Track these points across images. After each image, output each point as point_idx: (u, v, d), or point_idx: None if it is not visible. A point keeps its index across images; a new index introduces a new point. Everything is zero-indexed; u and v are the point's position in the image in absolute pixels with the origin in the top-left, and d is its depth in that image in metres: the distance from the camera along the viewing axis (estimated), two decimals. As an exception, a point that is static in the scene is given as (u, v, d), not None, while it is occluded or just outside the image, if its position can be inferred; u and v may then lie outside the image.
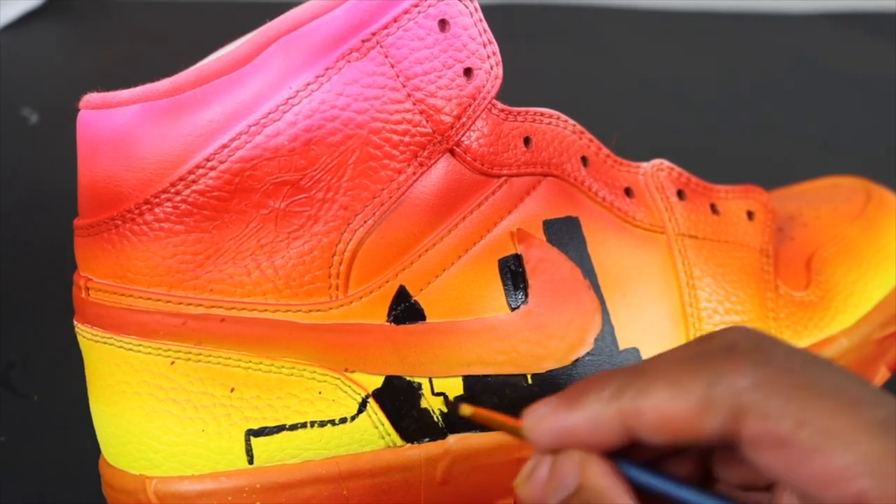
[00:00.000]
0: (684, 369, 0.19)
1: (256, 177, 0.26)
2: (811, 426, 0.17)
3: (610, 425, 0.20)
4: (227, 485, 0.27)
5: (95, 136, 0.26)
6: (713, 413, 0.18)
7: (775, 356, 0.19)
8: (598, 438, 0.20)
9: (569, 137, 0.30)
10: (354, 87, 0.26)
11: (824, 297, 0.32)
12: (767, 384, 0.18)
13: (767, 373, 0.18)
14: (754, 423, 0.18)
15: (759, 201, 0.33)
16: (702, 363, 0.19)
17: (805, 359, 0.19)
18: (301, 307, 0.27)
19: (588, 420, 0.20)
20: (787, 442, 0.18)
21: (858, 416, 0.17)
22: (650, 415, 0.19)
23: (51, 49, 0.71)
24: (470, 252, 0.28)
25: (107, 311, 0.26)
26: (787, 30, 0.74)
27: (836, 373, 0.19)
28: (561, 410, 0.21)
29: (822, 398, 0.18)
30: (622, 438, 0.20)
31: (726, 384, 0.18)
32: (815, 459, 0.17)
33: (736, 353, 0.19)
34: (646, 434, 0.20)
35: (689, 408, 0.19)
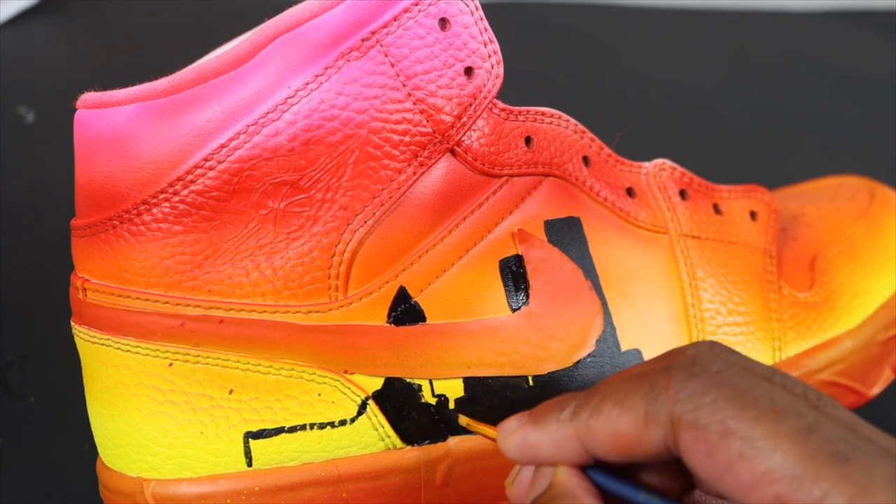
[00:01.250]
0: (628, 388, 0.21)
1: (255, 177, 0.25)
2: (735, 435, 0.18)
3: (569, 445, 0.21)
4: (226, 487, 0.27)
5: (93, 136, 0.26)
6: (654, 427, 0.20)
7: (709, 369, 0.20)
8: (559, 456, 0.22)
9: (570, 137, 0.29)
10: (354, 86, 0.26)
11: (828, 298, 0.31)
12: (698, 396, 0.19)
13: (698, 385, 0.19)
14: (687, 434, 0.19)
15: (762, 201, 0.32)
16: (643, 382, 0.20)
17: (741, 370, 0.20)
18: (300, 308, 0.26)
19: (549, 440, 0.22)
20: (714, 450, 0.19)
21: (780, 424, 0.18)
22: (602, 434, 0.21)
23: (48, 47, 0.70)
24: (470, 253, 0.28)
25: (104, 312, 0.26)
26: (791, 28, 0.74)
27: (764, 384, 0.19)
28: (526, 428, 0.22)
29: (747, 408, 0.19)
30: (583, 456, 0.21)
31: (663, 399, 0.20)
32: (739, 466, 0.18)
33: (672, 369, 0.20)
34: (601, 452, 0.21)
35: (634, 424, 0.20)
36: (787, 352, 0.31)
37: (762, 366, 0.21)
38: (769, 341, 0.30)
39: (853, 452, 0.18)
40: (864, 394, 0.32)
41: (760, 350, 0.30)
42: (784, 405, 0.19)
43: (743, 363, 0.20)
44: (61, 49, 0.71)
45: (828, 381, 0.31)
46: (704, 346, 0.21)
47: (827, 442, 0.18)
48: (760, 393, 0.19)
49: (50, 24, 0.74)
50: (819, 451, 0.18)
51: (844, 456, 0.18)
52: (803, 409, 0.19)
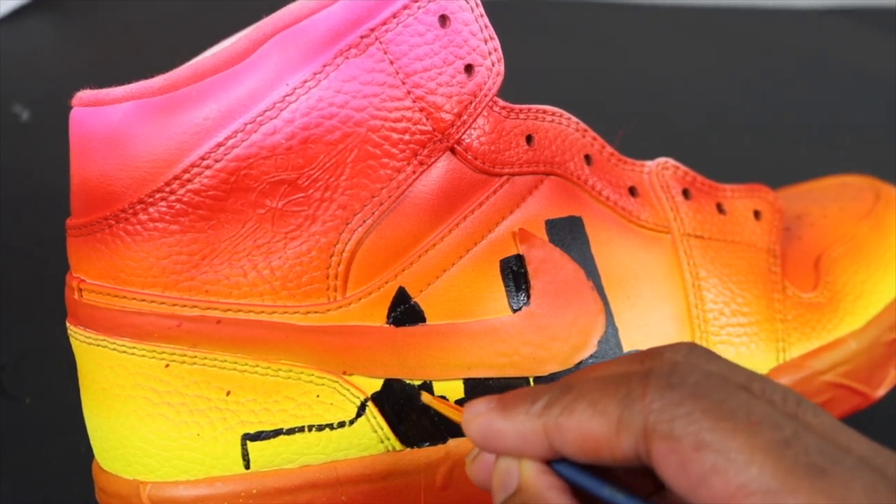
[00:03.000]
0: (604, 391, 0.20)
1: (253, 176, 0.25)
2: (710, 447, 0.18)
3: (535, 439, 0.21)
4: (223, 490, 0.26)
5: (88, 134, 0.25)
6: (626, 434, 0.19)
7: (687, 379, 0.19)
8: (524, 448, 0.21)
9: (572, 135, 0.29)
10: (353, 84, 0.25)
11: (833, 299, 0.31)
12: (673, 407, 0.19)
13: (675, 396, 0.19)
14: (660, 445, 0.19)
15: (765, 200, 0.32)
16: (620, 386, 0.20)
17: (719, 381, 0.20)
18: (298, 309, 0.26)
19: (515, 431, 0.21)
20: (688, 462, 0.18)
21: (756, 437, 0.18)
22: (571, 434, 0.20)
23: (43, 45, 0.70)
24: (471, 252, 0.27)
25: (100, 312, 0.26)
26: (795, 25, 0.73)
27: (741, 396, 0.19)
28: (493, 414, 0.22)
29: (722, 420, 0.18)
30: (548, 452, 0.21)
31: (637, 407, 0.19)
32: (712, 480, 0.18)
33: (650, 377, 0.20)
34: (568, 452, 0.20)
35: (606, 429, 0.20)
36: (791, 353, 0.30)
37: (742, 371, 0.20)
38: (773, 342, 0.30)
39: (831, 465, 0.17)
40: (869, 395, 0.31)
41: (764, 351, 0.30)
42: (761, 417, 0.18)
43: (722, 371, 0.20)
44: (56, 47, 0.71)
45: (832, 383, 0.30)
46: (683, 350, 0.21)
47: (804, 454, 0.18)
48: (737, 404, 0.19)
49: (45, 21, 0.73)
50: (795, 464, 0.17)
51: (822, 469, 0.17)
52: (781, 420, 0.18)
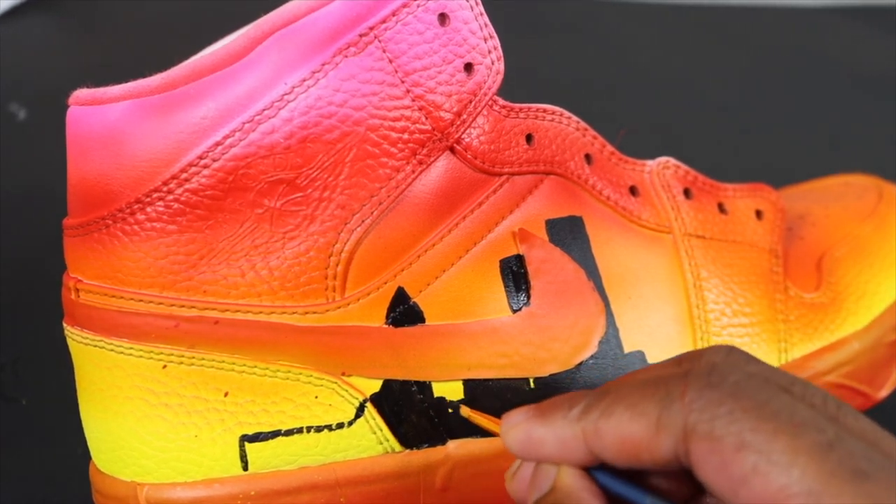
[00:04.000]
0: (642, 393, 0.20)
1: (251, 175, 0.25)
2: (751, 448, 0.18)
3: (574, 444, 0.21)
4: (221, 492, 0.26)
5: (85, 133, 0.25)
6: (665, 435, 0.19)
7: (727, 379, 0.19)
8: (564, 455, 0.21)
9: (572, 135, 0.29)
10: (351, 82, 0.25)
11: (835, 299, 0.31)
12: (714, 407, 0.19)
13: (715, 395, 0.19)
14: (700, 445, 0.19)
15: (767, 200, 0.32)
16: (658, 387, 0.20)
17: (760, 381, 0.19)
18: (297, 309, 0.26)
19: (554, 437, 0.21)
20: (729, 463, 0.18)
21: (799, 439, 0.18)
22: (610, 437, 0.20)
23: (40, 43, 0.70)
24: (470, 252, 0.27)
25: (97, 312, 0.26)
26: (797, 24, 0.73)
27: (784, 397, 0.19)
28: (532, 422, 0.22)
29: (765, 420, 0.18)
30: (588, 457, 0.21)
31: (677, 407, 0.19)
32: (753, 481, 0.18)
33: (689, 377, 0.20)
34: (608, 456, 0.20)
35: (645, 430, 0.19)
36: (794, 353, 0.30)
37: (781, 374, 0.20)
38: (775, 343, 0.30)
39: (874, 469, 0.17)
40: (871, 396, 0.31)
41: (766, 352, 0.30)
42: (804, 419, 0.18)
43: (762, 373, 0.20)
44: (53, 45, 0.70)
45: (835, 384, 0.30)
46: (722, 352, 0.20)
47: (848, 458, 0.17)
48: (779, 405, 0.18)
49: (42, 19, 0.73)
50: (839, 467, 0.17)
51: (865, 473, 0.17)
52: (823, 423, 0.18)
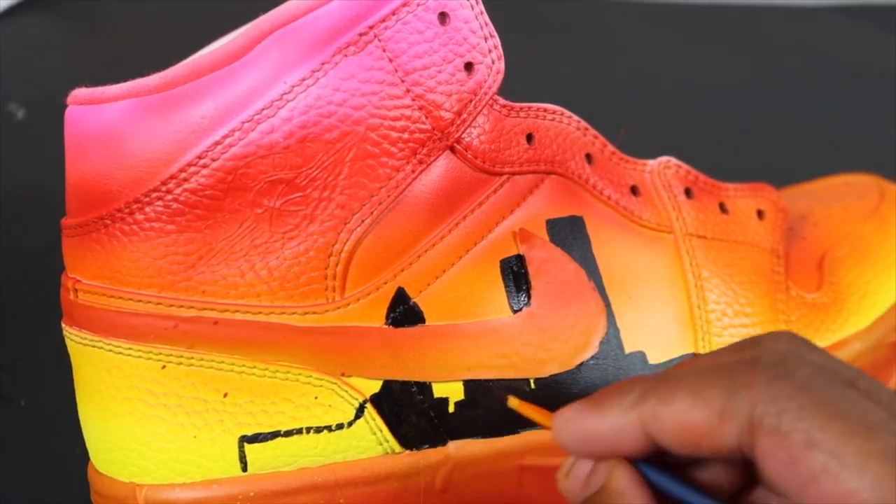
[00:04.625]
0: (706, 380, 0.19)
1: (250, 175, 0.25)
2: (821, 447, 0.17)
3: (632, 432, 0.20)
4: (220, 493, 0.26)
5: (84, 133, 0.25)
6: (730, 424, 0.18)
7: (797, 371, 0.19)
8: (621, 445, 0.20)
9: (573, 134, 0.29)
10: (351, 81, 0.25)
11: (837, 299, 0.31)
12: (783, 400, 0.18)
13: (784, 388, 0.18)
14: (766, 439, 0.18)
15: (769, 200, 0.32)
16: (723, 374, 0.19)
17: (832, 377, 0.19)
18: (296, 309, 0.26)
19: (611, 426, 0.20)
20: (797, 460, 0.18)
21: (871, 441, 0.17)
22: (670, 423, 0.19)
23: (38, 43, 0.70)
24: (471, 252, 0.27)
25: (96, 313, 0.26)
26: (798, 23, 0.73)
27: (857, 396, 0.18)
28: (586, 414, 0.21)
29: (835, 419, 0.18)
30: (645, 445, 0.20)
31: (744, 396, 0.18)
32: (822, 481, 0.17)
33: (758, 366, 0.19)
34: (666, 442, 0.20)
35: (707, 418, 0.19)
36: (795, 354, 0.30)
37: (847, 367, 0.19)
38: (776, 343, 0.30)
39: None
40: (873, 397, 0.31)
41: (767, 352, 0.30)
42: (876, 421, 0.18)
43: (829, 365, 0.19)
44: (52, 45, 0.70)
45: (836, 384, 0.30)
46: (784, 339, 0.20)
47: None
48: (850, 404, 0.18)
49: (40, 19, 0.73)
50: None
51: None
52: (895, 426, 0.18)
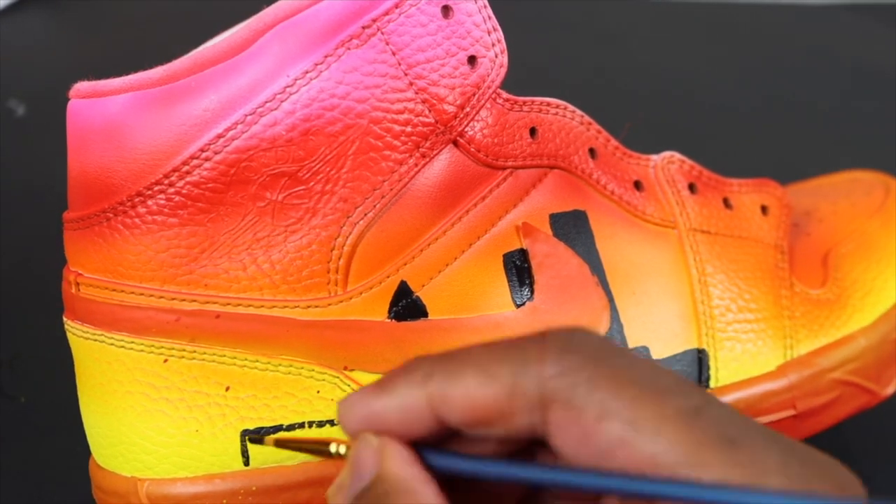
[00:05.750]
0: (494, 356, 0.18)
1: (253, 168, 0.25)
2: (616, 416, 0.17)
3: (419, 411, 0.19)
4: (222, 487, 0.26)
5: (86, 126, 0.25)
6: (520, 401, 0.18)
7: (588, 342, 0.18)
8: (408, 426, 0.19)
9: (576, 128, 0.29)
10: (354, 75, 0.25)
11: (841, 295, 0.31)
12: (573, 372, 0.17)
13: (574, 361, 0.18)
14: (559, 414, 0.17)
15: (773, 195, 0.32)
16: (512, 351, 0.18)
17: (618, 350, 0.18)
18: (299, 303, 0.26)
19: (397, 406, 0.19)
20: (591, 433, 0.17)
21: (665, 405, 0.17)
22: (459, 401, 0.18)
23: (38, 38, 0.70)
24: (474, 247, 0.27)
25: (97, 306, 0.26)
26: (803, 20, 0.73)
27: (645, 363, 0.18)
28: (371, 396, 0.19)
29: (627, 387, 0.17)
30: (434, 426, 0.19)
31: (534, 372, 0.18)
32: (619, 452, 0.17)
33: (546, 342, 0.18)
34: (456, 422, 0.18)
35: (497, 395, 0.18)
36: (799, 350, 0.30)
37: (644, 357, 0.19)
38: (780, 339, 0.30)
39: (742, 437, 0.16)
40: (878, 394, 0.31)
41: (772, 348, 0.29)
42: (668, 384, 0.17)
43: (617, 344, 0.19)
44: (52, 41, 0.70)
45: (841, 381, 0.30)
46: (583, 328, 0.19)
47: (715, 424, 0.16)
48: (640, 372, 0.17)
49: (41, 15, 0.73)
50: (706, 435, 0.16)
51: (733, 440, 0.16)
52: (689, 388, 0.17)
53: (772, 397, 0.29)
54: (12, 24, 0.71)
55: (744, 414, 0.18)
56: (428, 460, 0.19)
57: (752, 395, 0.29)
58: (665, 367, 0.18)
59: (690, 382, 0.18)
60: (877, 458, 0.34)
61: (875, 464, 0.34)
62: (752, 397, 0.29)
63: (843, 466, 0.17)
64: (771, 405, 0.29)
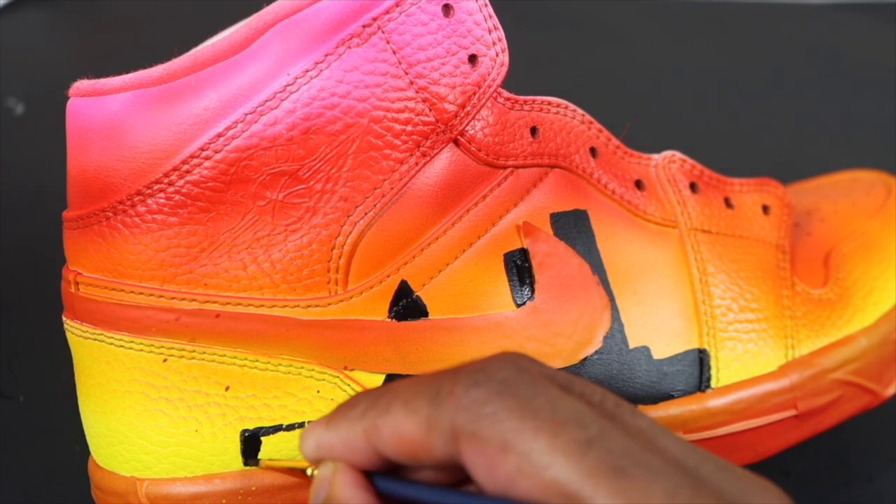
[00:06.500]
0: (415, 390, 0.20)
1: (253, 167, 0.25)
2: (513, 449, 0.18)
3: (358, 444, 0.20)
4: (222, 487, 0.26)
5: (86, 125, 0.25)
6: (436, 434, 0.19)
7: (494, 376, 0.19)
8: (352, 457, 0.20)
9: (577, 128, 0.29)
10: (355, 74, 0.25)
11: (843, 295, 0.31)
12: (478, 406, 0.18)
13: (480, 393, 0.18)
14: (468, 446, 0.18)
15: (774, 195, 0.32)
16: (430, 385, 0.19)
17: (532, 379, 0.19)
18: (299, 302, 0.26)
19: (340, 439, 0.20)
20: (495, 465, 0.18)
21: (559, 437, 0.17)
22: (388, 435, 0.20)
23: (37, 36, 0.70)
24: (474, 246, 0.27)
25: (97, 306, 0.26)
26: (804, 19, 0.73)
27: (550, 393, 0.18)
28: (320, 427, 0.21)
29: (527, 419, 0.18)
30: (374, 458, 0.20)
31: (446, 405, 0.19)
32: (518, 482, 0.17)
33: (459, 375, 0.19)
34: (390, 454, 0.20)
35: (418, 428, 0.19)
36: (801, 350, 0.30)
37: (564, 374, 0.20)
38: (782, 339, 0.30)
39: (632, 466, 0.17)
40: (879, 394, 0.31)
41: (773, 348, 0.29)
42: (566, 416, 0.18)
43: (541, 371, 0.19)
44: (51, 40, 0.70)
45: (842, 381, 0.30)
46: (502, 354, 0.20)
47: (606, 455, 0.17)
48: (543, 402, 0.18)
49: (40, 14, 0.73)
50: (598, 464, 0.17)
51: (622, 470, 0.17)
52: (588, 419, 0.18)
53: (773, 397, 0.29)
54: (11, 23, 0.71)
55: None
56: (378, 486, 0.21)
57: (753, 396, 0.29)
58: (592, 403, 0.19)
59: (601, 410, 0.19)
60: (877, 458, 0.34)
61: (875, 464, 0.34)
62: (753, 397, 0.29)
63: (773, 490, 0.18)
64: (772, 405, 0.29)
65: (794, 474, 0.33)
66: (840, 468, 0.33)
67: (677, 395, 0.28)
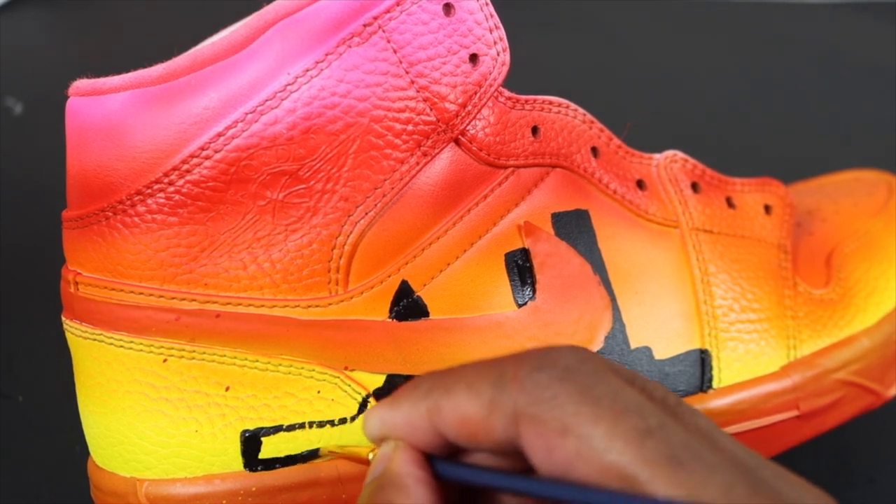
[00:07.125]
0: (479, 373, 0.20)
1: (253, 166, 0.25)
2: (573, 433, 0.18)
3: (421, 424, 0.21)
4: (222, 487, 0.26)
5: (85, 124, 0.25)
6: (498, 416, 0.19)
7: (558, 362, 0.19)
8: (414, 437, 0.21)
9: (578, 127, 0.29)
10: (355, 73, 0.25)
11: (845, 295, 0.31)
12: (540, 390, 0.19)
13: (543, 378, 0.19)
14: (528, 429, 0.19)
15: (776, 195, 0.32)
16: (494, 368, 0.20)
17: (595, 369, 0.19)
18: (299, 302, 0.26)
19: (403, 418, 0.21)
20: (554, 448, 0.18)
21: (619, 424, 0.18)
22: (450, 415, 0.20)
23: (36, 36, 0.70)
24: (475, 246, 0.27)
25: (96, 306, 0.25)
26: (807, 19, 0.73)
27: (613, 382, 0.19)
28: (383, 407, 0.21)
29: (587, 404, 0.18)
30: (436, 439, 0.21)
31: (509, 388, 0.19)
32: (577, 465, 0.18)
33: (522, 359, 0.20)
34: (450, 435, 0.20)
35: (479, 410, 0.19)
36: (802, 350, 0.30)
37: (627, 370, 0.20)
38: (783, 339, 0.29)
39: (691, 459, 0.17)
40: (881, 394, 0.31)
41: (775, 348, 0.29)
42: (627, 405, 0.18)
43: (605, 363, 0.20)
44: (51, 40, 0.70)
45: (844, 381, 0.30)
46: (568, 346, 0.21)
47: (665, 446, 0.18)
48: (604, 390, 0.18)
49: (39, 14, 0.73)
50: (656, 453, 0.17)
51: (680, 461, 0.17)
52: (648, 411, 0.18)
53: (775, 398, 0.29)
54: (10, 22, 0.70)
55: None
56: (437, 469, 0.21)
57: (755, 396, 0.29)
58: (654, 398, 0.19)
59: (662, 405, 0.19)
60: (879, 458, 0.34)
61: (877, 464, 0.34)
62: (755, 398, 0.29)
63: (825, 498, 0.18)
64: (774, 406, 0.29)
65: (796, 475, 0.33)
66: (842, 469, 0.33)
67: (679, 395, 0.28)
